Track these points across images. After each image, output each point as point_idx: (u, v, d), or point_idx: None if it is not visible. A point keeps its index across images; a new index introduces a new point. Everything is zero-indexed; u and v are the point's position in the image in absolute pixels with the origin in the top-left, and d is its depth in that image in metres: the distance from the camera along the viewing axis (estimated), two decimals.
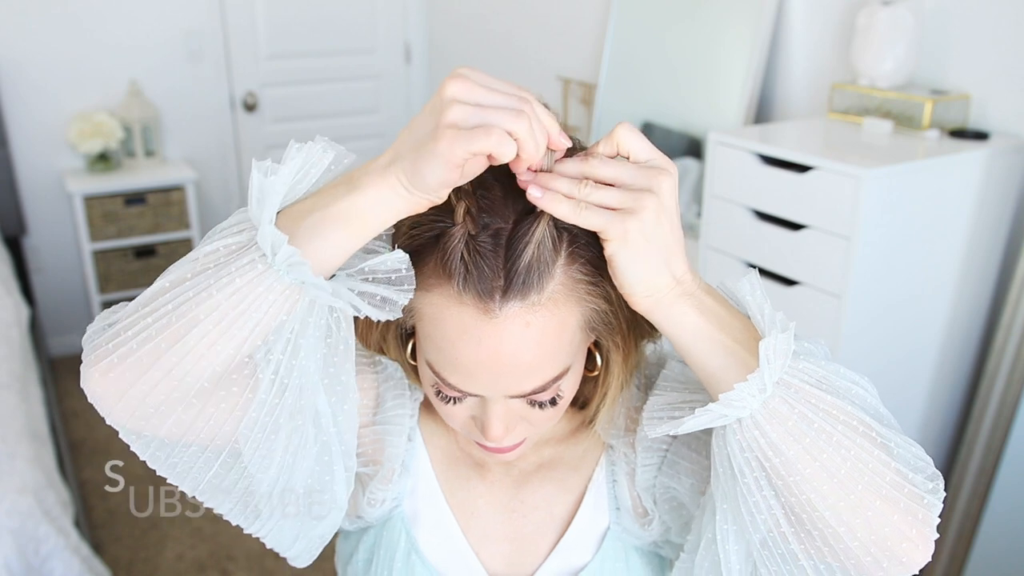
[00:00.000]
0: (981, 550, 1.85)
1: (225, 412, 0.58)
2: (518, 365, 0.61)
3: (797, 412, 0.56)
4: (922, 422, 1.89)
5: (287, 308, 0.55)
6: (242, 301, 0.54)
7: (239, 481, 0.62)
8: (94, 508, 2.44)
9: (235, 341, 0.54)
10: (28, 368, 2.34)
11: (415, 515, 0.80)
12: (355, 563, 0.83)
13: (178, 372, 0.55)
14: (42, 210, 3.29)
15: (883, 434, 0.57)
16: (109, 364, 0.55)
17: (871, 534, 0.56)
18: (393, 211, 0.56)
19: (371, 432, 0.76)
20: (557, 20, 2.98)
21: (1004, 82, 1.75)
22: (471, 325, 0.59)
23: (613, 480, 0.78)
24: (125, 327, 0.56)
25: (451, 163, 0.53)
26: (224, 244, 0.56)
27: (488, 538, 0.79)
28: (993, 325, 1.84)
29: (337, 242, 0.56)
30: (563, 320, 0.61)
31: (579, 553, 0.78)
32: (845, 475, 0.56)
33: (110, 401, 0.56)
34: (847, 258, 1.57)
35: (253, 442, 0.59)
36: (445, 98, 0.53)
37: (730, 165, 1.80)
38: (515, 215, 0.59)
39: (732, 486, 0.60)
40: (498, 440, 0.66)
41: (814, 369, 0.58)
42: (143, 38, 3.27)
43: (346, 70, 3.68)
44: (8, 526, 1.66)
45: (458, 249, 0.58)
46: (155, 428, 0.57)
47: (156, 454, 0.60)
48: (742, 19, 2.19)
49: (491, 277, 0.58)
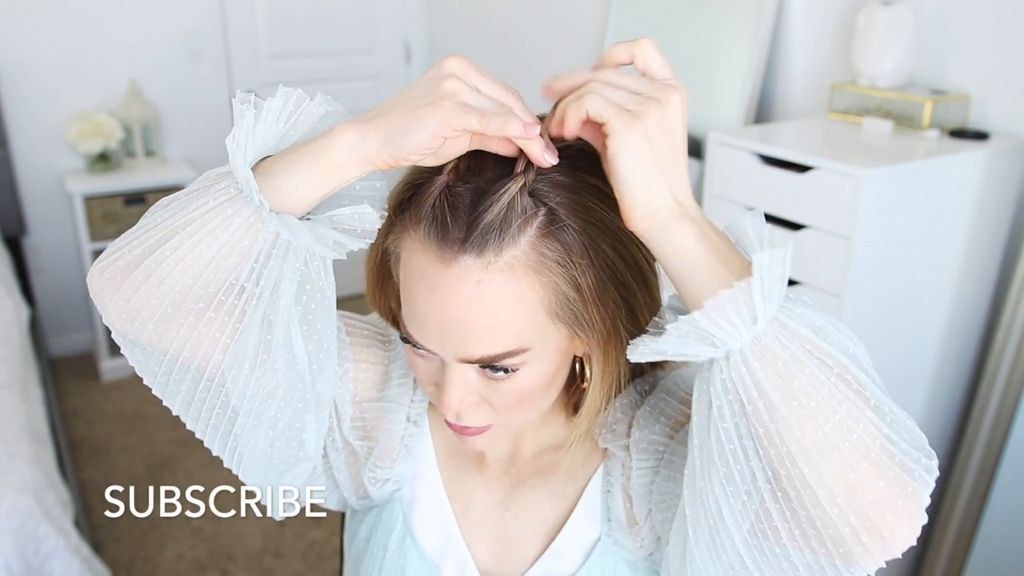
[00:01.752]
0: (981, 550, 1.85)
1: (193, 327, 0.61)
2: (466, 322, 0.61)
3: (789, 353, 0.52)
4: (922, 422, 1.89)
5: (250, 234, 0.58)
6: (211, 220, 0.58)
7: (212, 407, 0.65)
8: (94, 508, 2.44)
9: (204, 258, 0.58)
10: (28, 368, 2.34)
11: (414, 500, 0.80)
12: (357, 542, 0.85)
13: (155, 279, 0.59)
14: (42, 210, 3.29)
15: (877, 396, 0.54)
16: (105, 265, 0.62)
17: (852, 501, 0.52)
18: (359, 160, 0.58)
19: (373, 408, 0.77)
20: (557, 20, 2.97)
21: (1004, 82, 1.75)
22: (428, 272, 0.61)
23: (608, 491, 0.77)
24: (126, 236, 0.62)
25: (440, 129, 0.55)
26: (216, 172, 0.61)
27: (480, 533, 0.80)
28: (993, 325, 1.84)
29: (303, 179, 0.58)
30: (520, 292, 0.61)
31: (567, 561, 0.78)
32: (832, 429, 0.52)
33: (104, 299, 0.62)
34: (847, 258, 1.57)
35: (223, 370, 0.62)
36: (444, 71, 0.57)
37: (730, 165, 1.80)
38: (497, 177, 0.60)
39: (707, 435, 0.56)
40: (453, 411, 0.67)
41: (813, 316, 0.54)
42: (143, 38, 3.27)
43: (346, 70, 3.68)
44: (8, 526, 1.66)
45: (433, 195, 0.61)
46: (138, 332, 0.62)
47: (140, 359, 0.65)
48: (742, 19, 2.19)
49: (452, 228, 0.60)
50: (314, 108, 0.61)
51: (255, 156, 0.60)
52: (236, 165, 0.58)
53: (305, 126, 0.61)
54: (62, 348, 3.40)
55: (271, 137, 0.60)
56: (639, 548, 0.76)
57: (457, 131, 0.56)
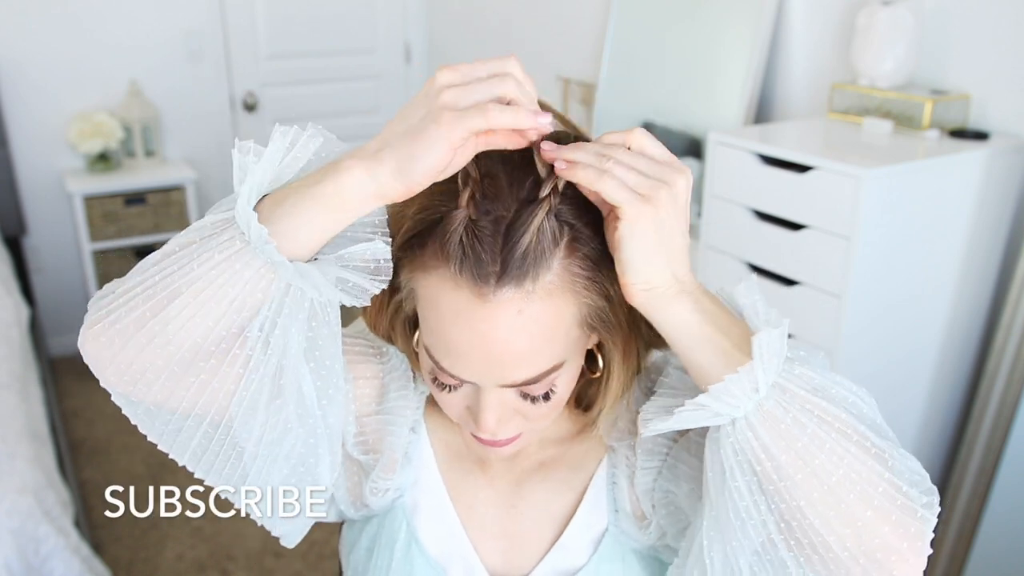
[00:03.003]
0: (981, 550, 1.85)
1: (205, 384, 0.59)
2: (510, 352, 0.61)
3: (791, 416, 0.56)
4: (922, 422, 1.89)
5: (262, 287, 0.56)
6: (219, 276, 0.56)
7: (225, 455, 0.63)
8: (94, 508, 2.44)
9: (213, 315, 0.56)
10: (28, 368, 2.34)
11: (416, 506, 0.80)
12: (358, 551, 0.84)
13: (160, 340, 0.57)
14: (42, 210, 3.29)
15: (879, 445, 0.57)
16: (101, 328, 0.58)
17: (860, 545, 0.56)
18: (372, 197, 0.56)
19: (374, 421, 0.76)
20: (557, 20, 2.98)
21: (1004, 82, 1.75)
22: (465, 308, 0.60)
23: (613, 482, 0.78)
24: (118, 295, 0.59)
25: (448, 144, 0.54)
26: (212, 220, 0.58)
27: (486, 533, 0.80)
28: (993, 325, 1.84)
29: (313, 222, 0.57)
30: (558, 311, 0.61)
31: (576, 553, 0.78)
32: (836, 483, 0.55)
33: (102, 363, 0.59)
34: (847, 258, 1.57)
35: (231, 416, 0.60)
36: (436, 86, 0.55)
37: (730, 165, 1.80)
38: (517, 203, 0.60)
39: (722, 491, 0.59)
40: (490, 432, 0.67)
41: (811, 376, 0.57)
42: (143, 38, 3.27)
43: (346, 70, 3.68)
44: (8, 526, 1.66)
45: (457, 232, 0.59)
46: (142, 393, 0.60)
47: (144, 419, 0.62)
48: (742, 19, 2.19)
49: (487, 262, 0.58)
50: (309, 142, 0.59)
51: (256, 199, 0.58)
52: (247, 221, 0.56)
53: (301, 161, 0.60)
54: (62, 348, 3.40)
55: (268, 176, 0.58)
56: (646, 538, 0.77)
57: (464, 138, 0.55)
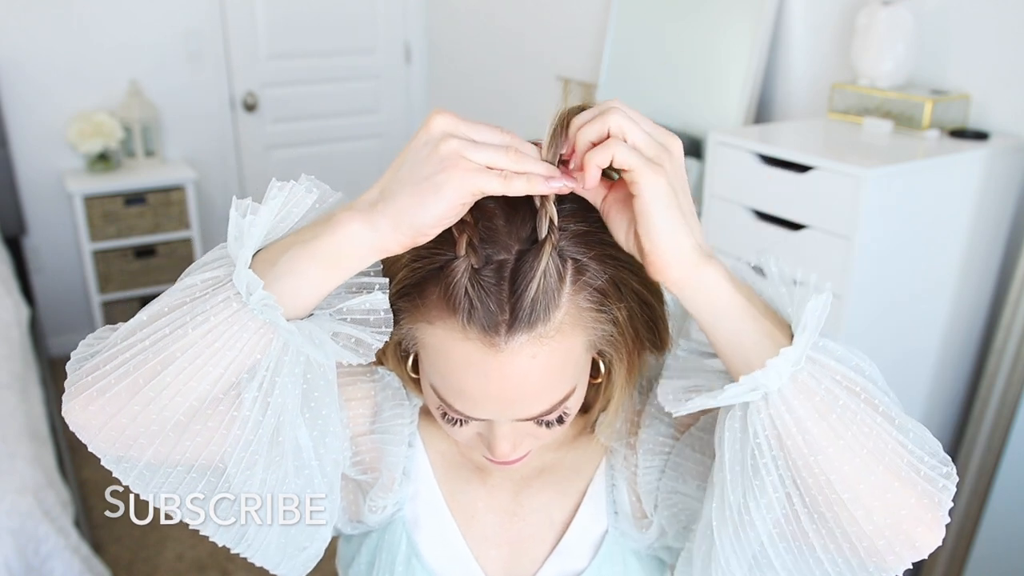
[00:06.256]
0: (981, 549, 1.85)
1: (203, 443, 0.58)
2: (525, 394, 0.61)
3: (823, 387, 0.55)
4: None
5: (261, 347, 0.55)
6: (216, 340, 0.54)
7: (225, 508, 0.62)
8: (94, 508, 2.44)
9: (210, 378, 0.55)
10: (28, 368, 2.34)
11: (416, 519, 0.80)
12: (357, 566, 0.83)
13: (155, 407, 0.55)
14: (42, 210, 3.29)
15: (900, 415, 0.57)
16: (88, 397, 0.56)
17: (887, 516, 0.55)
18: (371, 250, 0.55)
19: (369, 440, 0.75)
20: (557, 20, 2.98)
21: (1004, 82, 1.75)
22: (477, 359, 0.59)
23: (612, 484, 0.78)
24: (104, 360, 0.57)
25: (459, 197, 0.52)
26: (202, 279, 0.56)
27: (487, 542, 0.79)
28: (993, 325, 1.84)
29: (312, 279, 0.55)
30: (569, 347, 0.60)
31: (577, 557, 0.78)
32: (867, 455, 0.55)
33: (91, 432, 0.57)
34: (847, 258, 1.57)
35: (230, 476, 0.59)
36: (435, 133, 0.53)
37: (730, 165, 1.80)
38: (518, 245, 0.58)
39: (741, 468, 0.58)
40: (506, 459, 0.67)
41: (834, 346, 0.57)
42: (143, 38, 3.27)
43: (346, 70, 3.68)
44: (8, 526, 1.66)
45: (462, 283, 0.57)
46: (136, 457, 0.58)
47: (137, 481, 0.60)
48: (742, 19, 2.19)
49: (496, 312, 0.57)
50: (305, 197, 0.58)
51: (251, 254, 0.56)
52: (249, 286, 0.54)
53: (296, 216, 0.58)
54: (62, 348, 3.40)
55: (263, 232, 0.57)
56: (646, 538, 0.77)
57: (476, 196, 0.53)
